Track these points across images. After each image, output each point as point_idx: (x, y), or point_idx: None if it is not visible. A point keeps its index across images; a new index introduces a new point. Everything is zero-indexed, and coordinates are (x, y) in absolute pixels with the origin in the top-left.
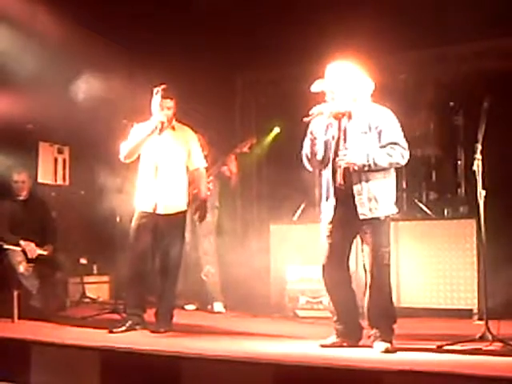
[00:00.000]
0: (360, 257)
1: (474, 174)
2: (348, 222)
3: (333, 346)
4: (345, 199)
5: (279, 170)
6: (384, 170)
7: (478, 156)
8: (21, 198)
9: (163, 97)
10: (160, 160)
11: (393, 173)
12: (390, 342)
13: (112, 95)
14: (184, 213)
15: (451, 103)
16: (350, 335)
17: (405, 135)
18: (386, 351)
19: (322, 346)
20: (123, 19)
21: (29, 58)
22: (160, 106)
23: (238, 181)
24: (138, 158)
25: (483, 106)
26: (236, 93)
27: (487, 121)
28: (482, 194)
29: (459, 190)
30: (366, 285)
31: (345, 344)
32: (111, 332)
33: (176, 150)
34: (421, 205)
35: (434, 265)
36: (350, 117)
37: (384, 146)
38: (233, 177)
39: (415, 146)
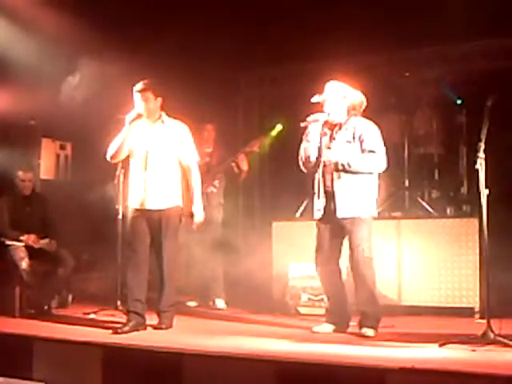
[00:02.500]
0: None
1: (477, 172)
2: (334, 220)
3: (324, 332)
4: (331, 199)
5: (281, 166)
6: (360, 173)
7: (481, 155)
8: (24, 194)
9: (140, 90)
10: (149, 155)
11: (375, 178)
12: (375, 328)
13: (115, 91)
14: (177, 208)
15: (459, 101)
16: (339, 323)
17: (408, 134)
18: (366, 335)
19: (314, 332)
20: (128, 16)
21: (32, 55)
22: (138, 98)
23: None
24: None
25: (486, 105)
26: (239, 91)
27: (490, 119)
28: (484, 192)
29: (462, 189)
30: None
31: (334, 330)
32: (116, 333)
33: (165, 144)
34: (423, 203)
35: (435, 263)
36: (340, 127)
37: (363, 153)
38: (243, 174)
39: (418, 145)
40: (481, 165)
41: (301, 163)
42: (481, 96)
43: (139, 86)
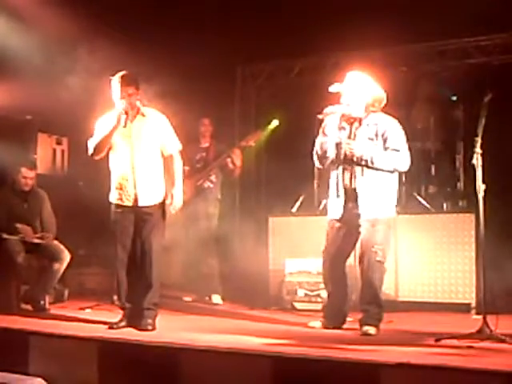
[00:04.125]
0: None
1: (474, 167)
2: (352, 220)
3: (320, 327)
4: (351, 199)
5: (278, 161)
6: (382, 170)
7: (478, 150)
8: (23, 189)
9: (122, 84)
10: (134, 150)
11: (396, 179)
12: (377, 327)
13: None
14: (162, 203)
15: (454, 97)
16: (336, 319)
17: (405, 129)
18: (368, 333)
19: (310, 327)
20: (124, 7)
21: (29, 49)
22: (121, 94)
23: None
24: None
25: (483, 100)
26: (236, 86)
27: (487, 115)
28: (481, 187)
29: (458, 184)
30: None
31: (330, 326)
32: (111, 328)
33: (148, 137)
34: (420, 198)
35: (432, 258)
36: (360, 123)
37: (386, 151)
38: (236, 170)
39: (415, 140)
40: (477, 160)
41: (316, 158)
42: (478, 91)
43: (122, 80)
